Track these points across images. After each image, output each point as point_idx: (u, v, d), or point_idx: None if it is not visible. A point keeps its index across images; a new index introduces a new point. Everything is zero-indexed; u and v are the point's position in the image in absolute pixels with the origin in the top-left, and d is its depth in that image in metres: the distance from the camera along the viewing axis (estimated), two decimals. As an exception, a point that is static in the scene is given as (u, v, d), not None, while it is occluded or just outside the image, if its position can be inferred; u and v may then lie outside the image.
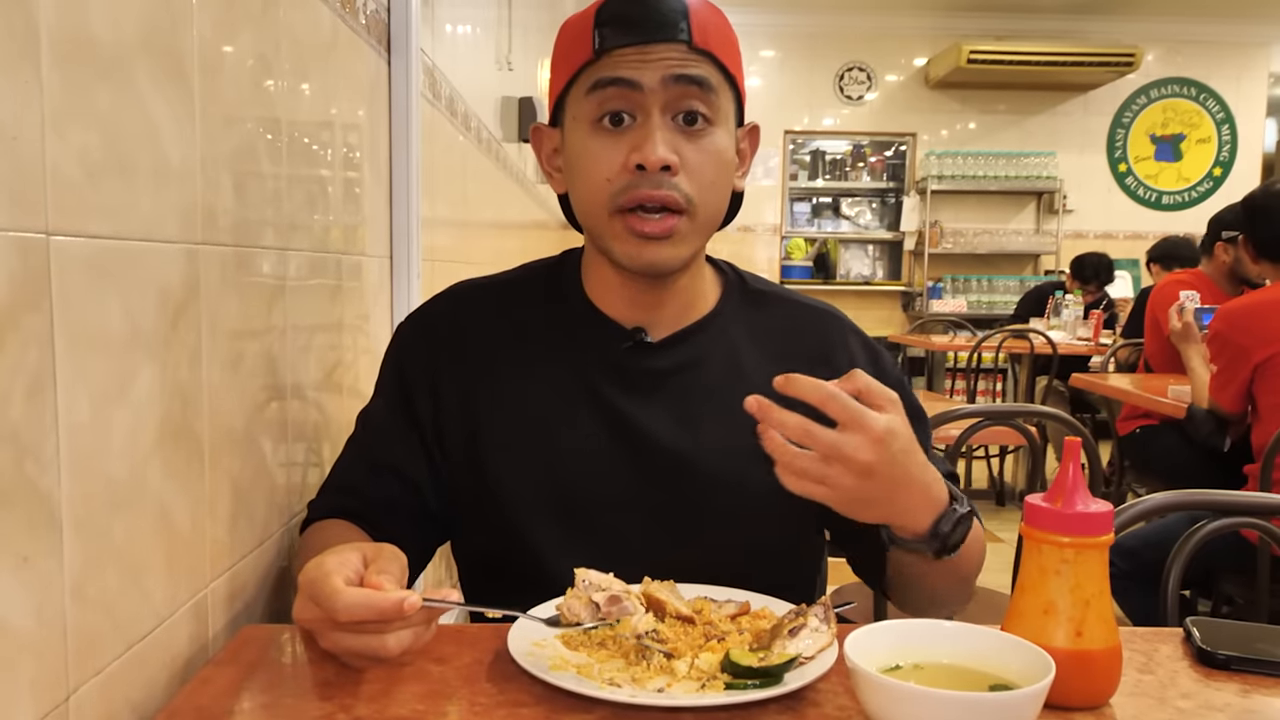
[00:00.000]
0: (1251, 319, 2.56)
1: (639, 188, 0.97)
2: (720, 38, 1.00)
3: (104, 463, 0.71)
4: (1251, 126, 7.42)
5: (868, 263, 7.79)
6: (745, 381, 1.04)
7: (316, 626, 0.79)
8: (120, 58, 0.73)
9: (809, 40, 7.22)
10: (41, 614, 0.64)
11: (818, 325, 1.13)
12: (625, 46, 0.97)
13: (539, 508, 1.03)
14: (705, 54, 0.98)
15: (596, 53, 0.98)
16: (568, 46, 1.02)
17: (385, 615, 0.75)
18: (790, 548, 1.10)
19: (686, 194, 0.98)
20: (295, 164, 1.12)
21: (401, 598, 0.74)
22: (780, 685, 0.76)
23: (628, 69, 0.97)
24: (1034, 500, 0.79)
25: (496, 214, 3.06)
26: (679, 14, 0.97)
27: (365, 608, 0.75)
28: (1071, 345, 4.98)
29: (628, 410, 1.04)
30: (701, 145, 0.99)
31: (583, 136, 1.00)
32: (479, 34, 2.76)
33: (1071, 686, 0.75)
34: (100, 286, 0.70)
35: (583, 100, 1.00)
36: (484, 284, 1.15)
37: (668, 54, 0.97)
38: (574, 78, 1.01)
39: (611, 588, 0.87)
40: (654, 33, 0.97)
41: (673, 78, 0.97)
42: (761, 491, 1.01)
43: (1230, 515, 1.24)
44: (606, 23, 0.98)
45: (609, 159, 0.98)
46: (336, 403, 1.31)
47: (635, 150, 0.97)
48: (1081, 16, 7.01)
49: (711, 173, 1.00)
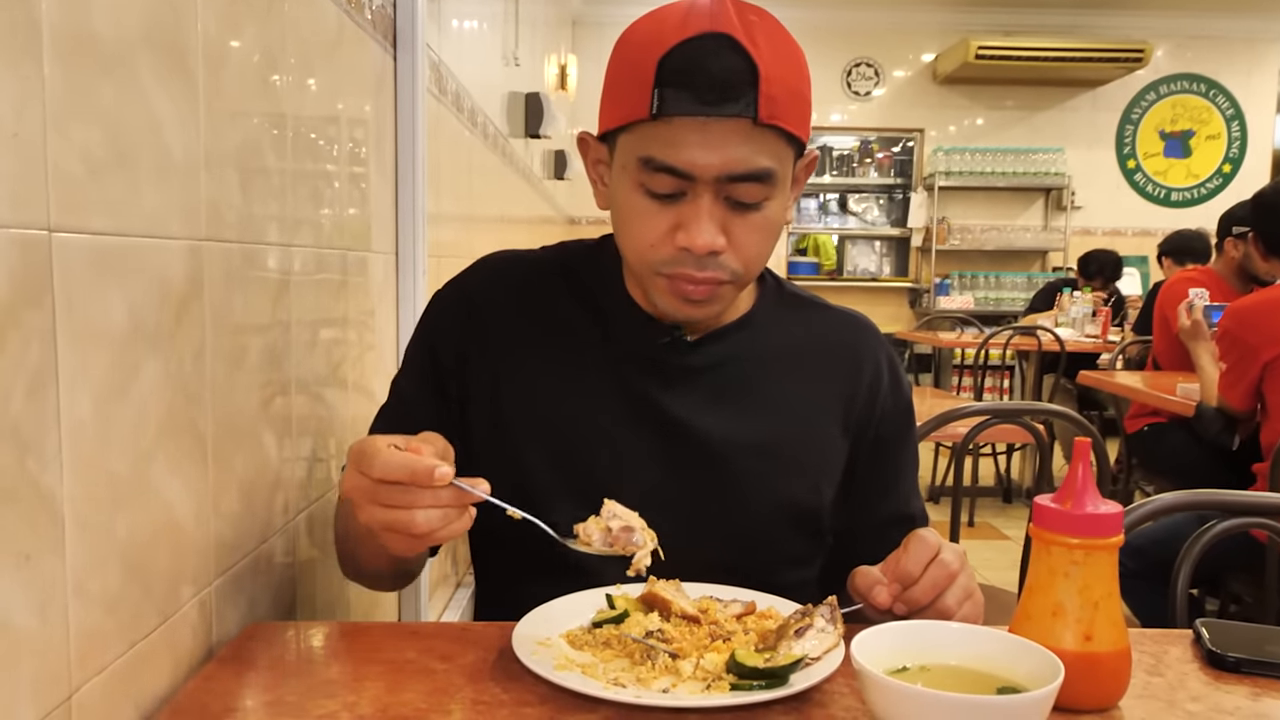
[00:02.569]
0: (1261, 317, 2.54)
1: (683, 265, 0.94)
2: (791, 99, 0.91)
3: (106, 459, 0.71)
4: (1261, 123, 7.37)
5: (875, 259, 7.77)
6: (777, 382, 1.08)
7: (357, 496, 0.80)
8: (123, 53, 0.72)
9: (816, 35, 7.19)
10: (43, 612, 0.63)
11: (850, 334, 1.13)
12: (684, 116, 0.90)
13: (560, 491, 1.01)
14: (772, 127, 0.91)
15: (653, 115, 0.90)
16: (624, 81, 0.94)
17: (417, 477, 0.77)
18: (805, 551, 1.09)
19: (733, 270, 0.95)
20: (300, 160, 1.11)
21: (434, 464, 0.77)
22: (786, 686, 0.76)
23: (684, 152, 0.90)
24: (1043, 501, 0.79)
25: (503, 209, 3.06)
26: (746, 83, 0.88)
27: (400, 467, 0.77)
28: (1079, 342, 4.96)
29: (660, 402, 1.03)
30: (754, 222, 0.95)
31: (629, 191, 0.95)
32: (486, 30, 2.75)
33: (1080, 689, 0.75)
34: (103, 283, 0.70)
35: (633, 160, 0.94)
36: (523, 259, 1.13)
37: (730, 135, 0.90)
38: (626, 126, 0.94)
39: (629, 521, 0.86)
40: (718, 106, 0.89)
41: (730, 176, 0.91)
42: (784, 492, 1.05)
43: (1239, 515, 1.23)
44: (668, 82, 0.89)
45: (654, 227, 0.94)
46: (342, 398, 1.31)
47: (682, 229, 0.93)
48: (1090, 12, 6.96)
49: (761, 244, 0.97)
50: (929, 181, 7.28)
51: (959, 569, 0.88)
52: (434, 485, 0.77)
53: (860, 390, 1.09)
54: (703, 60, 0.89)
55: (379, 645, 0.87)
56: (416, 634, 0.90)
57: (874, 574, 0.89)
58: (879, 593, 0.88)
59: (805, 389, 1.08)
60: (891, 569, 0.89)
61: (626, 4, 6.48)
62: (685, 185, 0.92)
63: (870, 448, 1.10)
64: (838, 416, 1.09)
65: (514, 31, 3.30)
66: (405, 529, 0.79)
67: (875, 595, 0.88)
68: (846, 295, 6.97)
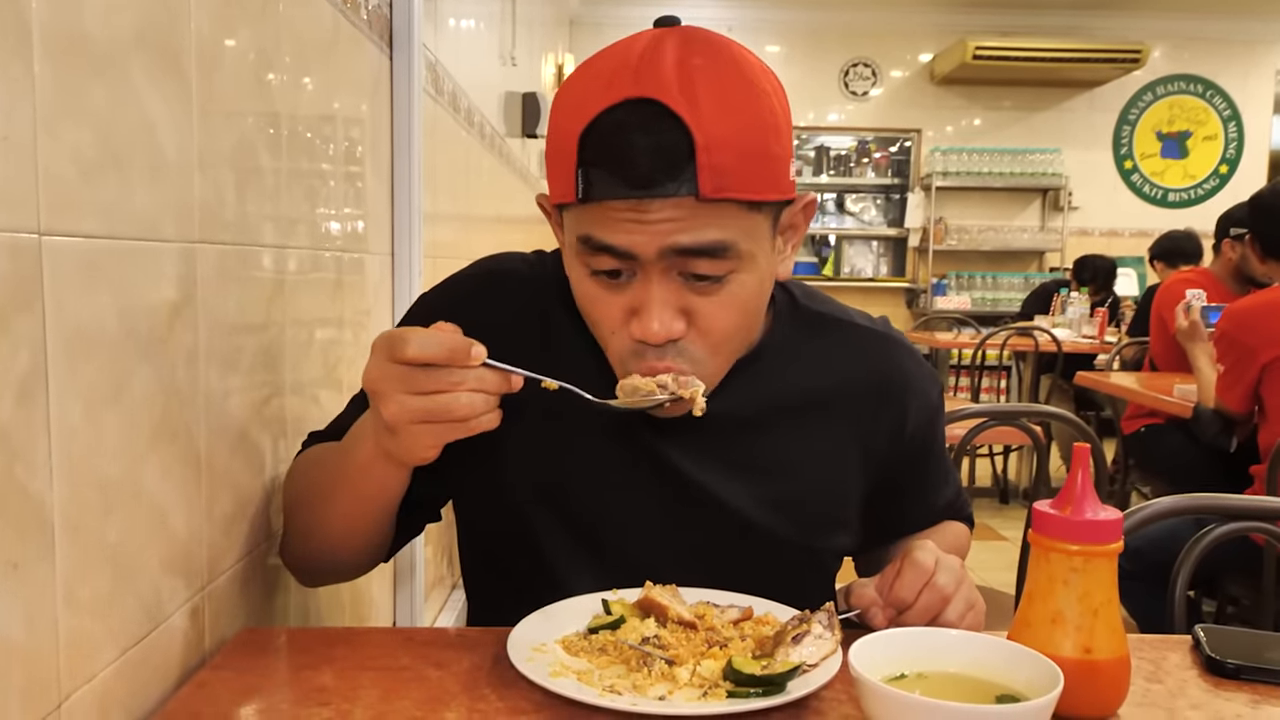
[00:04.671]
0: (1258, 318, 2.54)
1: (644, 357, 0.86)
2: (743, 164, 0.79)
3: (97, 465, 0.70)
4: (1258, 124, 7.38)
5: (872, 259, 7.77)
6: (788, 431, 1.00)
7: (386, 387, 0.76)
8: (115, 54, 0.71)
9: (814, 36, 7.19)
10: (32, 621, 0.63)
11: (876, 357, 1.04)
12: (613, 200, 0.79)
13: (550, 527, 0.98)
14: (722, 201, 0.79)
15: (579, 199, 0.80)
16: (554, 157, 0.84)
17: (455, 355, 0.74)
18: (814, 584, 1.05)
19: (696, 357, 0.86)
20: (295, 161, 1.11)
21: (471, 342, 0.74)
22: (783, 694, 0.75)
23: (620, 233, 0.80)
24: (1042, 507, 0.78)
25: (500, 209, 3.05)
26: (683, 157, 0.77)
27: (439, 346, 0.74)
28: (1076, 343, 4.96)
29: (656, 451, 0.97)
30: (720, 298, 0.84)
31: (579, 275, 0.87)
32: (482, 30, 2.75)
33: (1079, 697, 0.74)
34: (94, 287, 0.69)
35: (573, 239, 0.85)
36: (524, 279, 1.02)
37: (670, 213, 0.78)
38: (562, 206, 0.86)
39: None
40: (648, 187, 0.77)
41: (674, 250, 0.80)
42: (794, 545, 1.00)
43: (1237, 520, 1.23)
44: (592, 163, 0.79)
45: (608, 312, 0.86)
46: (337, 401, 1.30)
47: (635, 318, 0.84)
48: (1087, 13, 6.97)
49: (733, 321, 0.87)
50: (926, 182, 7.28)
51: (953, 591, 0.87)
52: (471, 364, 0.74)
53: (883, 427, 1.03)
54: (627, 136, 0.78)
55: (373, 651, 0.86)
56: (411, 640, 0.90)
57: (869, 594, 0.88)
58: (874, 615, 0.87)
59: (819, 436, 1.00)
60: (886, 591, 0.87)
61: (624, 4, 6.49)
62: (630, 265, 0.83)
63: (895, 473, 1.06)
64: (855, 460, 1.02)
65: (511, 31, 3.29)
66: (446, 414, 0.75)
67: (871, 618, 0.87)
68: (843, 296, 6.91)
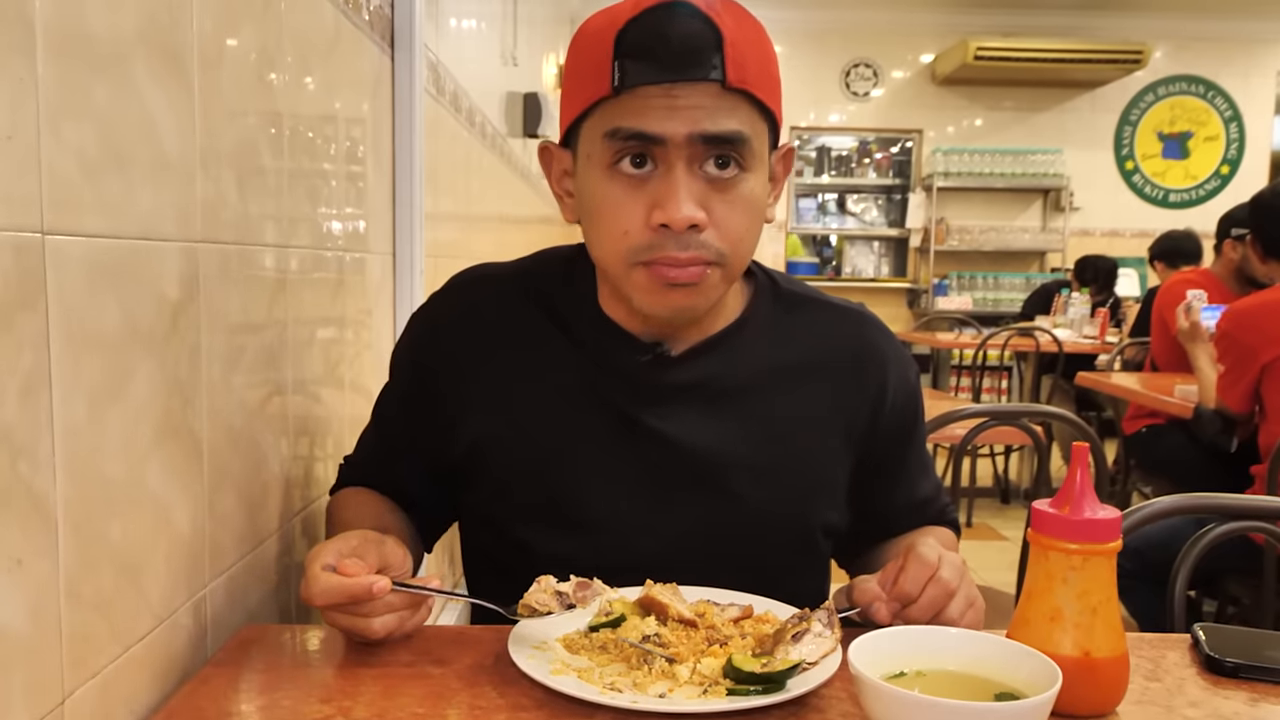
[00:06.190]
0: (1259, 319, 2.54)
1: (663, 248, 0.89)
2: (759, 68, 0.88)
3: (100, 463, 0.70)
4: (1260, 124, 7.37)
5: (873, 259, 7.77)
6: (772, 397, 1.03)
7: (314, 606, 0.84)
8: (118, 53, 0.72)
9: (815, 36, 7.19)
10: (36, 617, 0.63)
11: (853, 335, 1.08)
12: (648, 85, 0.86)
13: (545, 518, 1.01)
14: (741, 93, 0.87)
15: (615, 89, 0.87)
16: (583, 67, 0.90)
17: (356, 598, 0.81)
18: (802, 564, 1.07)
19: (717, 249, 0.90)
20: (297, 160, 1.11)
21: (370, 582, 0.80)
22: (783, 691, 0.76)
23: (651, 119, 0.86)
24: (1041, 506, 0.78)
25: (501, 209, 3.05)
26: (711, 46, 0.85)
27: (337, 592, 0.81)
28: (1077, 343, 4.96)
29: (644, 424, 0.99)
30: (732, 197, 0.90)
31: (598, 180, 0.91)
32: (484, 29, 2.75)
33: (1078, 695, 0.75)
34: (97, 285, 0.69)
35: (599, 141, 0.90)
36: (496, 275, 1.08)
37: (698, 99, 0.86)
38: (590, 109, 0.90)
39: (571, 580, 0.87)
40: (682, 70, 0.85)
41: (701, 137, 0.87)
42: (780, 513, 1.02)
43: (1237, 519, 1.23)
44: (628, 54, 0.86)
45: (628, 212, 0.89)
46: (339, 399, 1.30)
47: (658, 207, 0.88)
48: (1089, 13, 6.96)
49: (743, 224, 0.92)
50: (927, 182, 7.28)
51: (957, 586, 0.87)
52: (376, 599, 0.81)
53: (865, 399, 1.05)
54: (662, 28, 0.86)
55: (375, 649, 0.87)
56: (412, 637, 0.90)
57: (873, 589, 0.88)
58: (878, 610, 0.87)
59: (803, 403, 1.03)
60: (890, 587, 0.87)
61: (625, 4, 6.49)
62: (656, 154, 0.88)
63: (878, 449, 1.07)
64: (839, 429, 1.04)
65: (512, 31, 3.29)
66: (364, 636, 0.84)
67: (875, 613, 0.87)
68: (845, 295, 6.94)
